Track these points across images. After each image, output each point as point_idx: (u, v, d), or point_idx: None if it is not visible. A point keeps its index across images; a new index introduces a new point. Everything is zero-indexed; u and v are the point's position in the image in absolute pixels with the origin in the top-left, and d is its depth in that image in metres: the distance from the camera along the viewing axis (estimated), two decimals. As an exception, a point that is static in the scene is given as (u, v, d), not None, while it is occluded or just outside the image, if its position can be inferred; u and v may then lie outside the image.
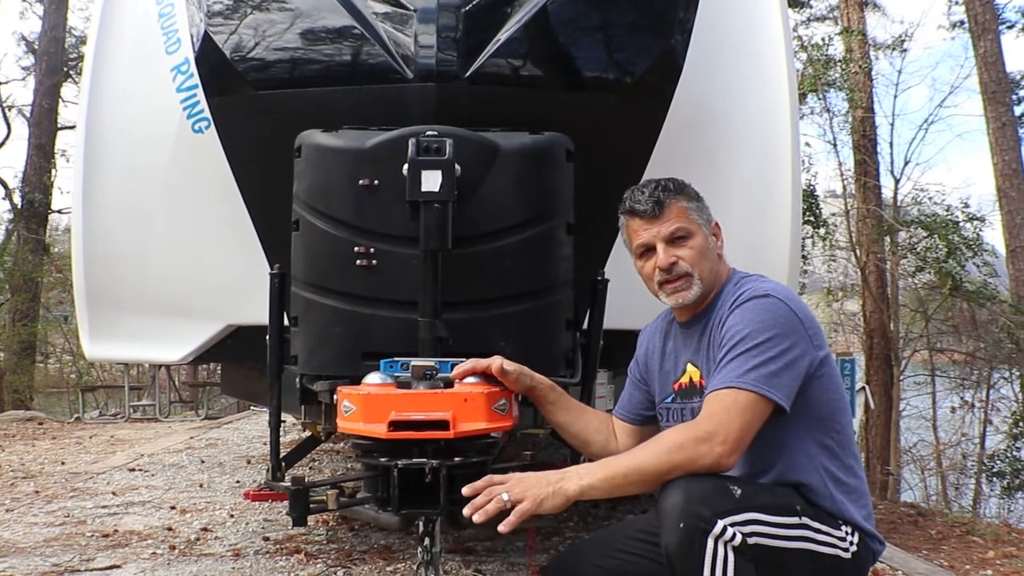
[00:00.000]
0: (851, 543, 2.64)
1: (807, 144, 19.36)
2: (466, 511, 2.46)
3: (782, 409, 2.55)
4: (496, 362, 2.82)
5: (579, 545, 3.07)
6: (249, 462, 8.51)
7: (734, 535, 2.35)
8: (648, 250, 2.83)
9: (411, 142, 3.20)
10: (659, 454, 2.48)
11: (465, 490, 2.48)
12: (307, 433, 5.66)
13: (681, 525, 2.34)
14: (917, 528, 7.10)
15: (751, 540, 2.38)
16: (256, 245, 4.13)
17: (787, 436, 2.62)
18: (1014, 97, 17.37)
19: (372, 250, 3.30)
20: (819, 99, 18.90)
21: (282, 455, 4.06)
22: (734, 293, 2.76)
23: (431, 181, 3.12)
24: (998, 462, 16.95)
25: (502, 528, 2.41)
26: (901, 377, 18.36)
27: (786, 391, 2.55)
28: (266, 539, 5.03)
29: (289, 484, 2.71)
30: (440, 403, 2.68)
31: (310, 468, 7.34)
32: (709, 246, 2.83)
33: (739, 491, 2.45)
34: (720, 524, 2.34)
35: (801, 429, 2.64)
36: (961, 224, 16.88)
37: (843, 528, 2.63)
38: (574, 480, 2.44)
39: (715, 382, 2.57)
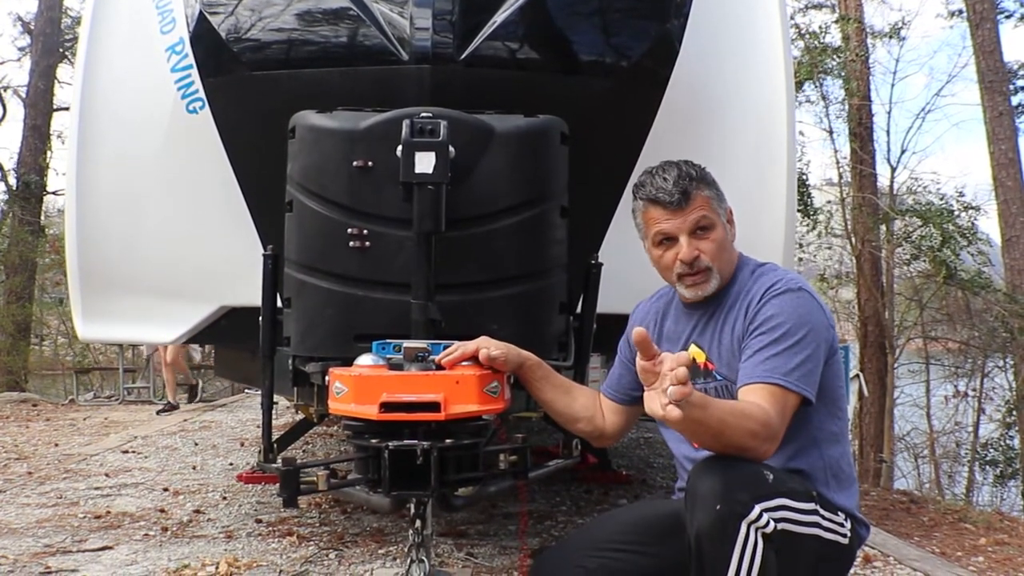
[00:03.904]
0: (848, 529, 2.65)
1: (801, 133, 19.31)
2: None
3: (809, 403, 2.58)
4: (482, 350, 2.80)
5: (562, 545, 3.07)
6: (243, 444, 8.51)
7: (767, 522, 2.34)
8: (667, 239, 2.77)
9: (405, 123, 3.18)
10: (743, 427, 2.42)
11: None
12: (300, 416, 5.68)
13: (718, 507, 2.32)
14: (910, 515, 7.11)
15: (779, 527, 2.38)
16: (250, 226, 4.11)
17: (798, 421, 2.61)
18: (1011, 87, 17.38)
19: (365, 232, 3.29)
20: (816, 87, 18.88)
21: (275, 437, 4.06)
22: (756, 279, 2.75)
23: (425, 163, 3.11)
24: (991, 451, 17.03)
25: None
26: (895, 365, 18.38)
27: (815, 387, 2.59)
28: (259, 521, 5.03)
29: (280, 465, 2.70)
30: (432, 385, 2.66)
31: (303, 451, 7.35)
32: (727, 237, 2.80)
33: (771, 476, 2.45)
34: (757, 509, 2.33)
35: (811, 415, 2.65)
36: (956, 213, 16.88)
37: (840, 514, 2.64)
38: None
39: (761, 372, 2.55)
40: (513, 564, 4.17)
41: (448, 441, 2.65)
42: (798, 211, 16.54)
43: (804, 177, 17.70)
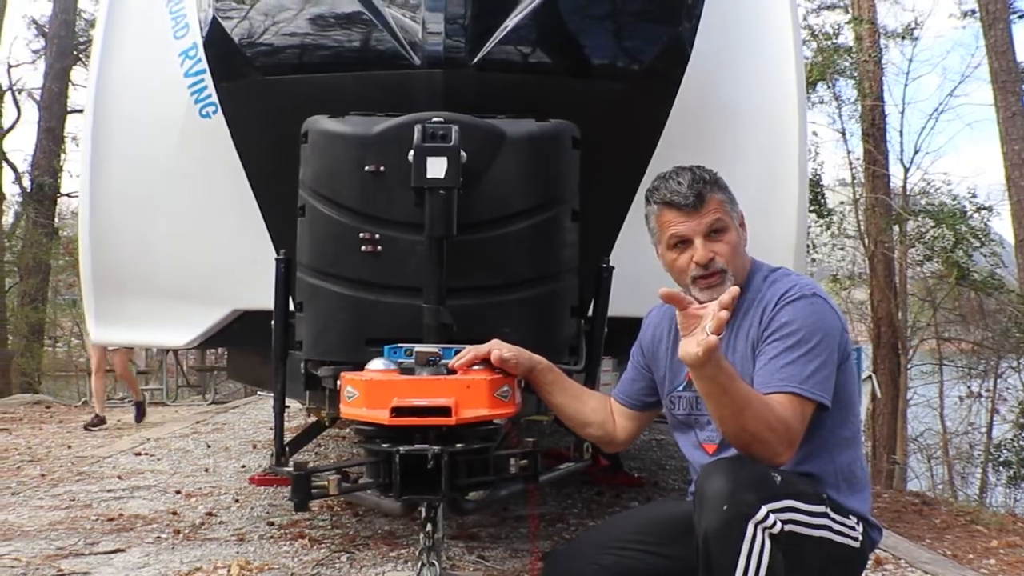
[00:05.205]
0: (859, 532, 2.65)
1: (814, 133, 19.29)
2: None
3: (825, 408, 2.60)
4: (495, 352, 2.81)
5: (576, 543, 3.07)
6: (255, 447, 8.53)
7: (774, 522, 2.34)
8: (682, 242, 2.76)
9: (417, 128, 3.20)
10: (762, 415, 2.45)
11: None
12: (313, 419, 5.69)
13: (725, 507, 2.33)
14: (922, 517, 7.10)
15: (787, 528, 2.38)
16: (263, 230, 4.13)
17: (811, 425, 2.60)
18: (1024, 87, 17.33)
19: (377, 236, 3.30)
20: (828, 88, 18.86)
21: (287, 440, 4.08)
22: (770, 284, 2.75)
23: (436, 167, 3.12)
24: (1004, 451, 16.98)
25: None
26: (908, 366, 18.34)
27: (831, 393, 2.60)
28: (271, 524, 5.04)
29: (291, 469, 2.71)
30: (443, 389, 2.67)
31: (315, 453, 7.36)
32: (741, 241, 2.80)
33: (779, 478, 2.46)
34: (764, 510, 2.33)
35: (824, 420, 2.65)
36: (969, 214, 16.84)
37: (851, 518, 2.64)
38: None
39: (777, 379, 2.56)
40: (524, 567, 4.18)
41: (459, 445, 2.67)
42: (811, 212, 16.57)
43: (817, 178, 17.69)
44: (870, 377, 11.47)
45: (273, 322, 3.64)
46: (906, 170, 19.53)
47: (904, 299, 18.68)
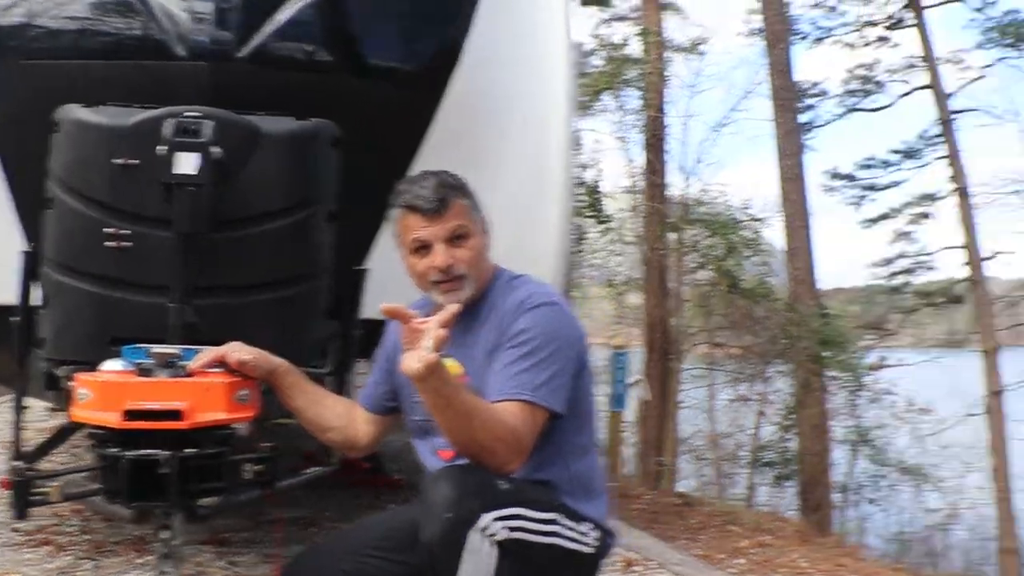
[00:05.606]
0: (594, 538, 2.71)
1: (596, 141, 19.69)
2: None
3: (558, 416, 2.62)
4: (232, 355, 2.76)
5: (319, 548, 3.05)
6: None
7: (499, 530, 2.37)
8: (423, 247, 2.78)
9: (168, 123, 3.12)
10: (489, 425, 2.46)
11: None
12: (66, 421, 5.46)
13: (448, 516, 2.34)
14: (680, 518, 7.34)
15: (513, 535, 2.41)
16: (13, 221, 3.94)
17: (544, 433, 2.64)
18: (800, 105, 18.20)
19: (126, 232, 3.20)
20: (615, 97, 19.22)
21: (40, 443, 3.91)
22: (510, 292, 2.78)
23: (187, 163, 3.05)
24: (769, 453, 17.75)
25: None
26: (680, 370, 18.89)
27: (564, 401, 2.63)
28: (15, 530, 4.78)
29: (10, 476, 2.59)
30: (178, 392, 2.60)
31: (72, 455, 7.04)
32: (484, 247, 2.83)
33: (506, 485, 2.48)
34: (487, 518, 2.36)
35: (558, 427, 2.68)
36: (742, 225, 17.51)
37: (585, 524, 2.70)
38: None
39: (510, 387, 2.57)
40: (273, 572, 4.10)
41: (190, 450, 2.60)
42: (590, 217, 16.94)
43: (597, 184, 18.05)
44: (640, 381, 11.76)
45: (15, 318, 3.49)
46: (686, 180, 20.11)
47: (679, 305, 19.23)
